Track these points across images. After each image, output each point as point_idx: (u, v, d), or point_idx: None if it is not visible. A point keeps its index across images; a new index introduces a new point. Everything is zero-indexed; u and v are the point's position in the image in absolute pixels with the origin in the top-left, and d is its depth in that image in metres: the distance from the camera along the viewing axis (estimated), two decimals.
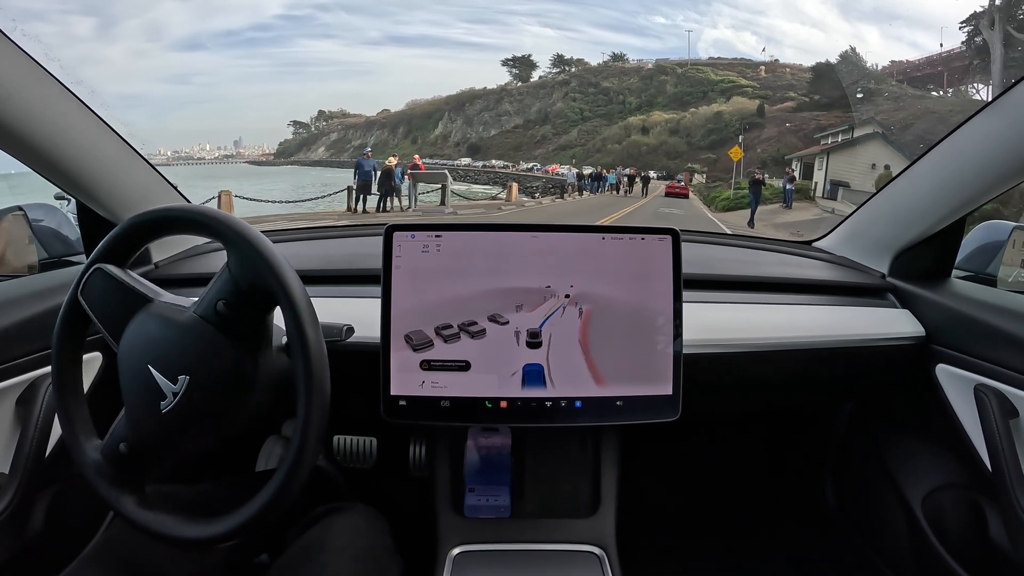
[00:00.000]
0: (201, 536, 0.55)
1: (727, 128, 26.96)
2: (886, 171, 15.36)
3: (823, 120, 23.31)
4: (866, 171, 17.05)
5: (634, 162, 22.36)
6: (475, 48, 44.86)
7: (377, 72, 44.47)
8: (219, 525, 0.55)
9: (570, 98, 33.62)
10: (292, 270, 0.57)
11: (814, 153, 21.18)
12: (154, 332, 0.57)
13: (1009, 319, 0.76)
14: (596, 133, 31.19)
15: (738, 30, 42.02)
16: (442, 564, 0.80)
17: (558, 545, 0.84)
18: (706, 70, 31.90)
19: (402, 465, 0.96)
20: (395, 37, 41.68)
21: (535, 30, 41.98)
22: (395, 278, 0.72)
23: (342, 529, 0.70)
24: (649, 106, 31.37)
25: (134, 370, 0.56)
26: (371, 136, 38.35)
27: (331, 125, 38.94)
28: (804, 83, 26.90)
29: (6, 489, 0.68)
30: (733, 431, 1.30)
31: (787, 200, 17.34)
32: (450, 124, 36.05)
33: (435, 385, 0.73)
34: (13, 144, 0.70)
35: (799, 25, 42.78)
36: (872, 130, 20.21)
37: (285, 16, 44.08)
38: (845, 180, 17.60)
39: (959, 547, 0.85)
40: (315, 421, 0.55)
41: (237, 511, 0.55)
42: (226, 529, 0.55)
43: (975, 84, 21.34)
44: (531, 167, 20.53)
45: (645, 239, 0.74)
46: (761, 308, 0.91)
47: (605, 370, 0.73)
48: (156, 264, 0.96)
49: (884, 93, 22.94)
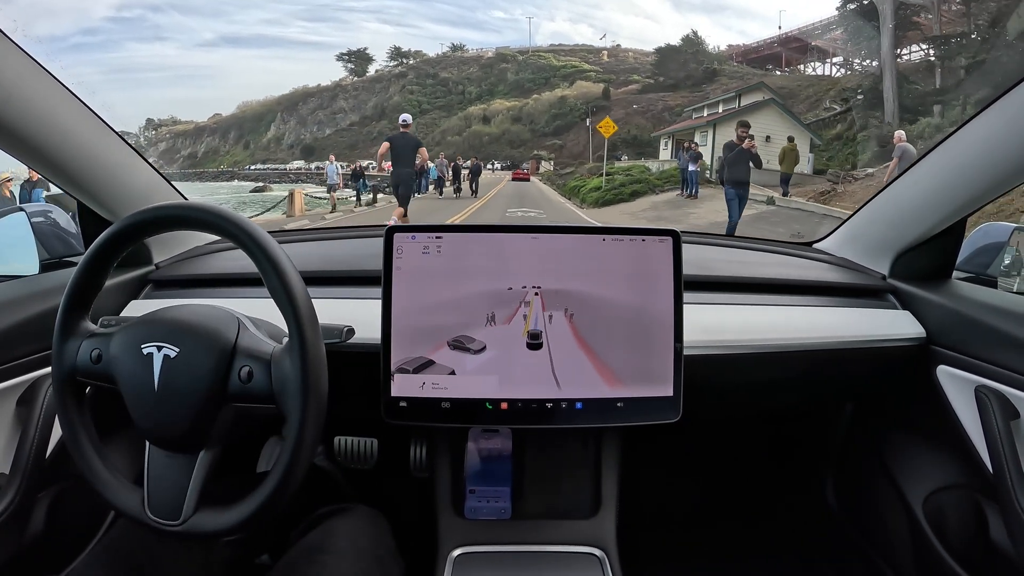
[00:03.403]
0: (199, 531, 0.56)
1: (572, 112, 26.05)
2: (790, 143, 12.07)
3: (670, 100, 22.86)
4: (761, 144, 12.70)
5: (475, 153, 19.99)
6: (313, 47, 43.77)
7: (211, 76, 42.82)
8: (217, 521, 0.56)
9: (407, 91, 32.38)
10: (295, 269, 0.57)
11: (692, 127, 18.22)
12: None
13: (1010, 320, 0.76)
14: (435, 125, 29.98)
15: (575, 23, 42.28)
16: (443, 565, 0.80)
17: (559, 547, 0.84)
18: (548, 56, 31.07)
19: (403, 466, 0.96)
20: (230, 38, 40.17)
21: (374, 27, 41.24)
22: (396, 279, 0.72)
23: (344, 530, 0.70)
24: (490, 95, 30.24)
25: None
26: (201, 144, 36.05)
27: (160, 134, 36.55)
28: (647, 66, 26.48)
29: (6, 489, 0.68)
30: (734, 432, 1.30)
31: (691, 186, 12.94)
32: (283, 126, 34.46)
33: (435, 386, 0.73)
34: (13, 144, 0.70)
35: (634, 17, 43.18)
36: (763, 96, 17.27)
37: (114, 18, 41.98)
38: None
39: (960, 548, 0.85)
40: (311, 421, 0.55)
41: (235, 508, 0.56)
42: (224, 526, 0.55)
43: (814, 62, 21.64)
44: (367, 165, 19.12)
45: (645, 240, 0.74)
46: (762, 309, 0.91)
47: (608, 370, 0.73)
48: (157, 265, 0.96)
49: (727, 73, 23.01)
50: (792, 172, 11.43)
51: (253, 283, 0.84)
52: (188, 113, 38.42)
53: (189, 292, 0.90)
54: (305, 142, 32.18)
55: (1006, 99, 0.70)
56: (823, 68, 21.02)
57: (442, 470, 0.91)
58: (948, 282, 0.93)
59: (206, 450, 0.57)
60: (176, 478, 0.57)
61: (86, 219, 0.90)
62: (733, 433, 1.30)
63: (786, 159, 11.49)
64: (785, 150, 11.80)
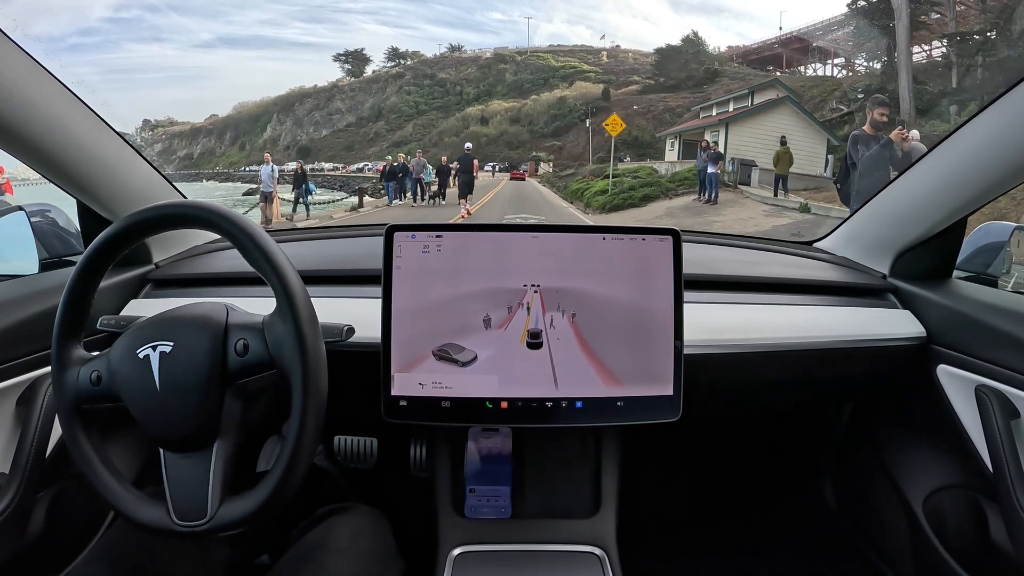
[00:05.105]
0: (227, 522, 0.56)
1: (572, 113, 25.56)
2: (783, 148, 11.29)
3: (671, 101, 22.54)
4: (772, 147, 12.21)
5: (473, 154, 19.34)
6: (311, 48, 43.42)
7: (208, 76, 42.37)
8: (243, 507, 0.56)
9: (405, 91, 31.73)
10: (293, 269, 0.57)
11: (701, 126, 16.74)
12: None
13: (1010, 320, 0.76)
14: (433, 126, 29.37)
15: (573, 24, 42.23)
16: (443, 564, 0.80)
17: (559, 546, 0.83)
18: (547, 57, 30.64)
19: (403, 465, 0.96)
20: (227, 39, 39.82)
21: (372, 28, 40.99)
22: (396, 278, 0.72)
23: (344, 530, 0.70)
24: (488, 95, 29.69)
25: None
26: (197, 145, 35.60)
27: (156, 135, 36.08)
28: (647, 67, 26.13)
29: (6, 489, 0.68)
30: (734, 432, 1.30)
31: (710, 190, 11.79)
32: (279, 126, 33.93)
33: (436, 385, 0.73)
34: (13, 143, 0.70)
35: (631, 18, 43.10)
36: (776, 94, 15.93)
37: (111, 19, 41.55)
38: (749, 158, 13.39)
39: (960, 547, 0.85)
40: (311, 420, 0.55)
41: (257, 490, 0.56)
42: (251, 509, 0.55)
43: (815, 63, 21.20)
44: (362, 167, 17.65)
45: (646, 239, 0.74)
46: (762, 308, 0.91)
47: (608, 369, 0.73)
48: (156, 264, 0.96)
49: (728, 73, 22.73)
50: (787, 173, 11.26)
51: (253, 282, 0.84)
52: (185, 114, 38.18)
53: (189, 291, 0.90)
54: (301, 143, 31.87)
55: (1006, 99, 0.70)
56: (824, 69, 20.94)
57: (442, 469, 0.91)
58: (948, 281, 0.93)
59: (220, 441, 0.57)
60: (196, 477, 0.57)
61: (86, 218, 0.90)
62: (733, 432, 1.30)
63: (780, 161, 11.28)
64: (779, 153, 11.36)
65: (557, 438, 0.92)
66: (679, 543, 1.17)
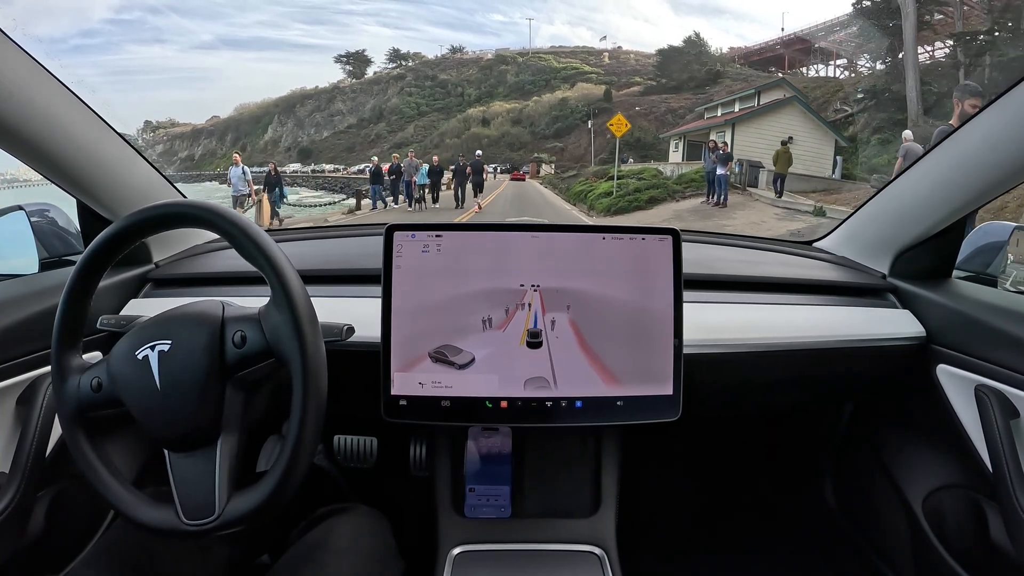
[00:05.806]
0: (236, 517, 0.56)
1: (573, 115, 25.42)
2: (783, 147, 11.15)
3: (673, 102, 22.38)
4: (776, 148, 11.85)
5: (483, 160, 18.58)
6: (312, 50, 43.27)
7: (210, 78, 42.24)
8: (250, 500, 0.56)
9: (406, 93, 31.57)
10: (291, 264, 0.57)
11: (706, 127, 16.19)
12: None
13: (1010, 319, 0.76)
14: (434, 128, 29.18)
15: (574, 26, 42.25)
16: (442, 564, 0.80)
17: (558, 545, 0.83)
18: (548, 58, 30.48)
19: (402, 465, 0.96)
20: (228, 40, 39.77)
21: (373, 30, 40.87)
22: (396, 278, 0.72)
23: (344, 530, 0.70)
24: (489, 97, 29.50)
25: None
26: (198, 146, 35.44)
27: (157, 136, 35.76)
28: (649, 68, 26.02)
29: (6, 489, 0.68)
30: (733, 431, 1.30)
31: (719, 193, 11.34)
32: (280, 128, 33.71)
33: (435, 385, 0.73)
34: (13, 143, 0.70)
35: (632, 20, 43.08)
36: (784, 94, 15.46)
37: (113, 20, 41.55)
38: (756, 160, 12.86)
39: (959, 547, 0.85)
40: (311, 420, 0.55)
41: (263, 483, 0.56)
42: (259, 501, 0.56)
43: (817, 64, 20.90)
44: (363, 168, 17.36)
45: (646, 239, 0.74)
46: (762, 308, 0.91)
47: (608, 369, 0.73)
48: (156, 263, 0.96)
49: (730, 74, 22.55)
50: (786, 172, 11.23)
51: (253, 281, 0.84)
52: (186, 115, 38.09)
53: (188, 291, 0.90)
54: (302, 144, 31.76)
55: (1006, 99, 0.70)
56: (827, 70, 20.82)
57: (442, 469, 0.91)
58: (948, 281, 0.93)
59: (223, 436, 0.57)
60: (202, 475, 0.57)
61: (86, 218, 0.90)
62: (733, 432, 1.30)
63: (779, 159, 11.26)
64: (778, 152, 11.29)
65: (557, 438, 0.92)
66: (679, 543, 1.17)
